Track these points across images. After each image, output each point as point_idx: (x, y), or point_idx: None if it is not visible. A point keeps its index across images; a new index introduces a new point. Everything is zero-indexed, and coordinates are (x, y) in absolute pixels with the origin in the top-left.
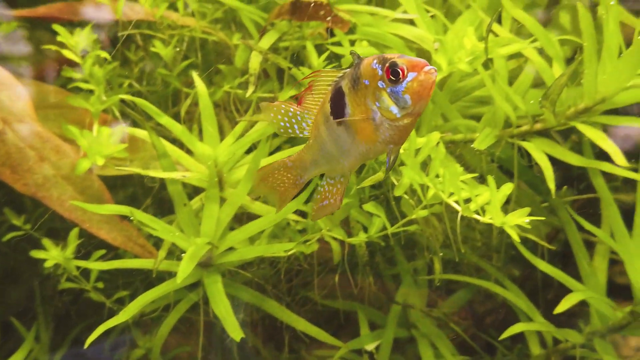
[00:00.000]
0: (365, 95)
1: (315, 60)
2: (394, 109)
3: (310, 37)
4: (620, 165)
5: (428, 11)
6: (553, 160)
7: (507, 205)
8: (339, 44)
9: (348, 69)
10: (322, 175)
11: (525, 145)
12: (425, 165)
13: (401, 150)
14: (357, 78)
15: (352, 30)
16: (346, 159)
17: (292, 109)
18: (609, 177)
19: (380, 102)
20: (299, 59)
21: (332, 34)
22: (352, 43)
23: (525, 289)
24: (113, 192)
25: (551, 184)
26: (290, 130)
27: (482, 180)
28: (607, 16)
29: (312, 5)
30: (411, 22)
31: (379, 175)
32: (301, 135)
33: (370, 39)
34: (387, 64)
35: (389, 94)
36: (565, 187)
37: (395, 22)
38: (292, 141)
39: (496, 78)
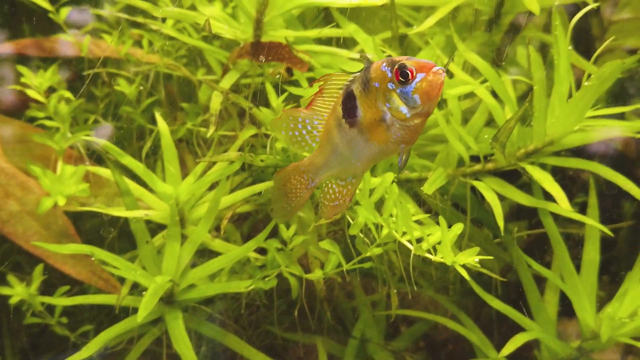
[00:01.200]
0: (376, 98)
1: (274, 100)
2: (404, 109)
3: (270, 76)
4: (564, 208)
5: (384, 51)
6: None
7: (462, 240)
8: (297, 84)
9: (358, 73)
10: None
11: (476, 184)
12: (381, 204)
13: (357, 190)
14: (368, 81)
15: (312, 69)
16: (359, 160)
17: (301, 116)
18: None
19: (391, 103)
20: (261, 96)
21: (292, 74)
22: (311, 83)
23: (480, 321)
24: (81, 221)
25: (500, 222)
26: (300, 139)
27: (437, 216)
28: (558, 61)
29: (272, 46)
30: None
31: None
32: (313, 144)
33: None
34: (396, 66)
35: (398, 95)
36: (516, 223)
37: (353, 61)
38: (255, 178)
39: (450, 118)
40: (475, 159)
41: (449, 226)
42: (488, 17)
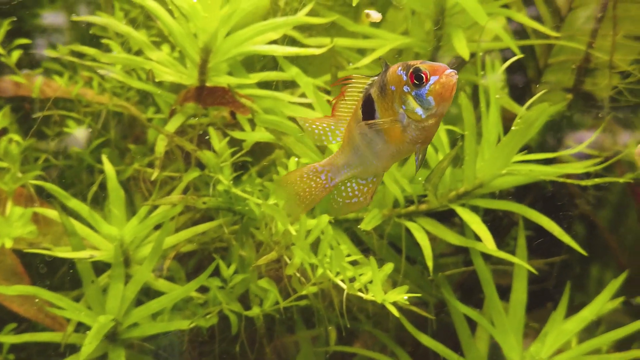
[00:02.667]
0: (393, 100)
1: (217, 144)
2: (419, 111)
3: (215, 119)
4: (491, 248)
5: (329, 91)
6: None
7: (399, 276)
8: (240, 127)
9: (376, 77)
10: None
11: (409, 225)
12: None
13: (293, 232)
14: (385, 85)
15: (253, 114)
16: (379, 160)
17: (325, 124)
18: None
19: (406, 105)
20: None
21: (235, 117)
22: (253, 127)
23: (418, 354)
24: (32, 255)
25: (429, 262)
26: (323, 138)
27: (373, 254)
28: (487, 107)
29: (215, 91)
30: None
31: (273, 255)
32: (334, 142)
33: (267, 125)
34: (410, 70)
35: (413, 97)
36: (457, 257)
37: (294, 105)
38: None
39: None
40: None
41: (385, 263)
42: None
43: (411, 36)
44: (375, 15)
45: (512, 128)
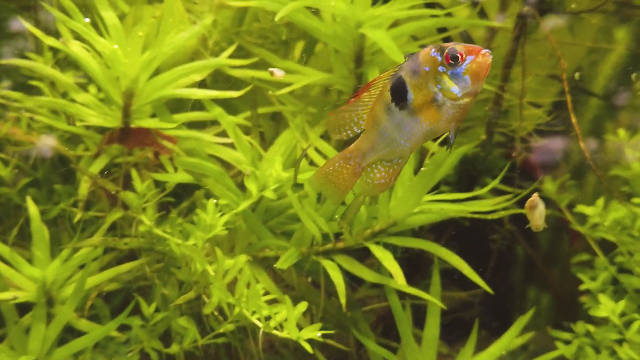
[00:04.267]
0: (427, 80)
1: (140, 185)
2: (455, 89)
3: (139, 159)
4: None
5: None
6: None
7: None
8: (163, 168)
9: (403, 64)
10: None
11: (324, 263)
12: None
13: (211, 272)
14: (417, 66)
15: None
16: (409, 140)
17: (349, 110)
18: None
19: (442, 84)
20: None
21: (158, 158)
22: (176, 169)
23: None
24: None
25: (342, 299)
26: (348, 130)
27: (293, 290)
28: None
29: (138, 132)
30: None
31: (191, 294)
32: (358, 131)
33: (186, 167)
34: (446, 51)
35: (449, 76)
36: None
37: (217, 145)
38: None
39: (304, 201)
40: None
41: (306, 299)
42: (349, 97)
43: (334, 73)
44: (278, 74)
45: (422, 169)
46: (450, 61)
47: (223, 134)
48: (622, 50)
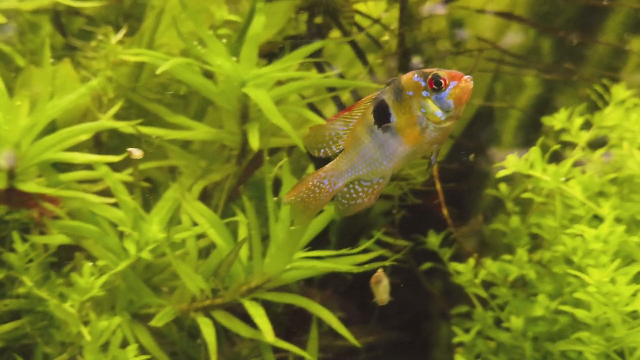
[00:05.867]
0: (411, 104)
1: (20, 246)
2: (439, 113)
3: (26, 219)
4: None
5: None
6: None
7: None
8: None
9: (385, 87)
10: None
11: (199, 320)
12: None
13: (86, 334)
14: (400, 91)
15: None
16: (392, 161)
17: (329, 128)
18: None
19: (426, 108)
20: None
21: (42, 218)
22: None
23: None
24: None
25: (213, 357)
26: (327, 149)
27: (173, 345)
28: (273, 208)
29: (22, 194)
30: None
31: (64, 356)
32: (337, 150)
33: (66, 231)
34: (429, 76)
35: (433, 101)
36: None
37: (103, 205)
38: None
39: (186, 258)
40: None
41: (185, 354)
42: (237, 152)
43: (224, 129)
44: (136, 153)
45: (290, 227)
46: (434, 86)
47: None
48: None
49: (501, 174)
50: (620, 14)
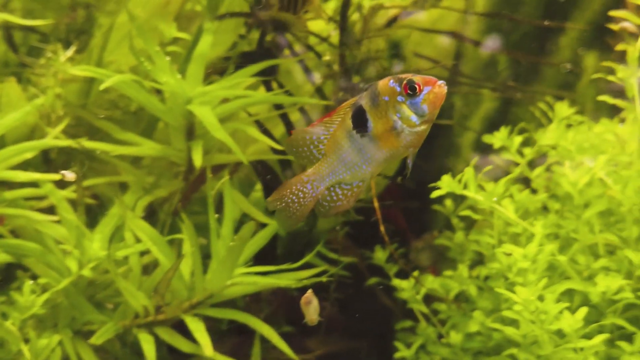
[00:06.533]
0: (386, 110)
1: None
2: (414, 118)
3: None
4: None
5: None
6: None
7: None
8: None
9: (363, 94)
10: None
11: (140, 335)
12: None
13: (26, 353)
14: (376, 96)
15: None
16: (370, 165)
17: (311, 133)
18: None
19: (401, 113)
20: None
21: None
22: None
23: None
24: None
25: None
26: (308, 153)
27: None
28: (214, 227)
29: None
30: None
31: None
32: (319, 155)
33: (6, 249)
34: (404, 82)
35: (408, 106)
36: None
37: (47, 222)
38: None
39: (129, 275)
40: None
41: None
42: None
43: (171, 146)
44: (69, 175)
45: (230, 243)
46: (409, 91)
47: None
48: None
49: (436, 194)
50: (574, 30)
